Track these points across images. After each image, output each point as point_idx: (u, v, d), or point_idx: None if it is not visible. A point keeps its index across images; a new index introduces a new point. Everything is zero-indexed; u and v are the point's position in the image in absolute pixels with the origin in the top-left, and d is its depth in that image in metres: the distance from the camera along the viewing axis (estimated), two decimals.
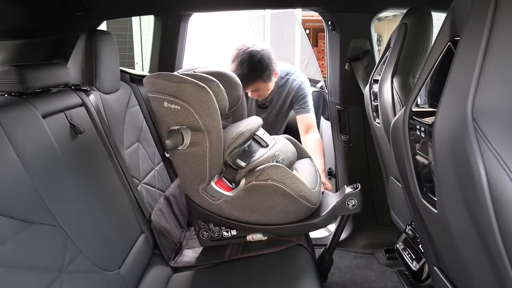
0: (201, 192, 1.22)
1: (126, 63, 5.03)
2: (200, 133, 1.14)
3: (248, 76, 1.77)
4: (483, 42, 0.59)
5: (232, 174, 1.21)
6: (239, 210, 1.24)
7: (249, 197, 1.21)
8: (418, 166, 0.85)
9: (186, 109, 1.12)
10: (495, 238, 0.57)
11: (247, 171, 1.21)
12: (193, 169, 1.19)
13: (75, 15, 1.41)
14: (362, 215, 1.45)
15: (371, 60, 1.72)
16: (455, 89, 0.65)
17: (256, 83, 1.82)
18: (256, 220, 1.26)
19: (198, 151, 1.15)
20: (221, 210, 1.25)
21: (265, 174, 1.18)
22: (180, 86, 1.11)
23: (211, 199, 1.22)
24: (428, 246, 0.97)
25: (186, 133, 1.14)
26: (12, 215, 0.77)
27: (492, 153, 0.55)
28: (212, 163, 1.17)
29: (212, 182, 1.20)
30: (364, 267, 1.82)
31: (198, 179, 1.20)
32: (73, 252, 0.90)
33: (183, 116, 1.13)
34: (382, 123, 1.31)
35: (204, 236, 1.35)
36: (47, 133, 0.98)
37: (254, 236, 1.31)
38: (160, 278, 1.25)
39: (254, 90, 1.87)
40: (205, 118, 1.12)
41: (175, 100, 1.13)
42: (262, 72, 1.80)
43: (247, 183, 1.19)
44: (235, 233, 1.32)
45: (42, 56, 1.56)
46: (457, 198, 0.65)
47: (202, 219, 1.31)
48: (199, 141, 1.14)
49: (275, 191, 1.19)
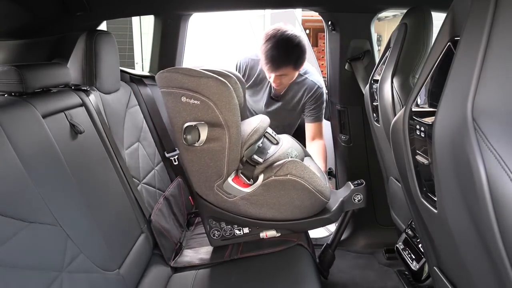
0: (216, 190, 1.22)
1: (126, 63, 5.03)
2: (219, 129, 1.13)
3: (283, 58, 1.66)
4: (483, 42, 0.59)
5: (250, 170, 1.21)
6: (256, 207, 1.24)
7: (267, 192, 1.21)
8: (418, 166, 0.85)
9: (207, 104, 1.11)
10: (495, 238, 0.57)
11: (265, 167, 1.22)
12: (210, 166, 1.18)
13: (75, 15, 1.41)
14: (362, 215, 1.46)
15: (371, 60, 1.72)
16: (455, 89, 0.65)
17: (287, 67, 1.69)
18: (272, 216, 1.26)
19: (217, 147, 1.15)
20: (237, 208, 1.25)
21: (284, 169, 1.19)
22: (201, 80, 1.10)
23: (227, 196, 1.22)
24: (428, 246, 0.97)
25: (203, 128, 1.13)
26: (12, 215, 0.77)
27: (492, 153, 0.55)
28: (231, 159, 1.17)
29: (229, 179, 1.19)
30: (364, 267, 1.82)
31: (214, 175, 1.20)
32: (73, 252, 0.90)
33: (202, 111, 1.12)
34: (382, 123, 1.31)
35: (215, 235, 1.33)
36: (47, 133, 0.98)
37: (268, 233, 1.32)
38: (160, 278, 1.25)
39: (281, 75, 1.72)
40: (226, 113, 1.11)
41: (195, 94, 1.11)
42: (297, 58, 1.68)
43: (265, 179, 1.20)
44: (248, 231, 1.32)
45: (42, 56, 1.56)
46: (457, 198, 0.65)
47: (214, 217, 1.30)
48: (218, 136, 1.13)
49: (294, 186, 1.20)
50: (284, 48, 1.64)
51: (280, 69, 1.69)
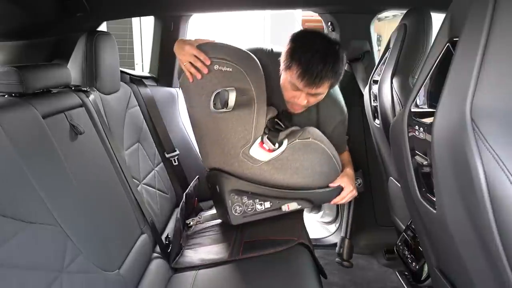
0: (241, 156, 1.26)
1: (126, 63, 5.03)
2: (248, 96, 1.22)
3: (328, 74, 1.23)
4: (481, 43, 0.59)
5: (274, 136, 1.27)
6: (280, 172, 1.29)
7: (292, 156, 1.28)
8: (417, 166, 0.86)
9: (239, 70, 1.21)
10: (493, 238, 0.57)
11: (287, 133, 1.30)
12: (237, 131, 1.24)
13: (75, 16, 1.41)
14: (362, 216, 1.46)
15: (371, 60, 1.72)
16: (453, 89, 0.65)
17: (326, 85, 1.26)
18: (295, 182, 1.32)
19: (246, 112, 1.23)
20: (262, 174, 1.29)
21: (307, 133, 1.30)
22: (234, 50, 1.23)
23: (252, 162, 1.27)
24: (428, 247, 0.97)
25: (232, 94, 1.20)
26: (12, 215, 0.77)
27: (490, 153, 0.55)
28: (258, 123, 1.24)
29: (255, 143, 1.25)
30: (364, 267, 1.82)
31: (241, 140, 1.25)
32: (73, 252, 0.90)
33: (234, 77, 1.21)
34: (382, 123, 1.31)
35: (237, 211, 1.32)
36: (47, 133, 0.98)
37: (290, 205, 1.34)
38: (160, 279, 1.25)
39: (315, 94, 1.28)
40: (255, 81, 1.22)
41: (228, 62, 1.21)
42: (338, 77, 1.28)
43: (290, 143, 1.28)
44: (269, 206, 1.33)
45: (42, 57, 1.56)
46: (456, 198, 0.66)
47: (236, 191, 1.30)
48: (247, 102, 1.22)
49: (316, 149, 1.30)
50: (332, 63, 1.22)
51: (318, 87, 1.24)
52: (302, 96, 1.27)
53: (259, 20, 6.32)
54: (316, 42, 1.23)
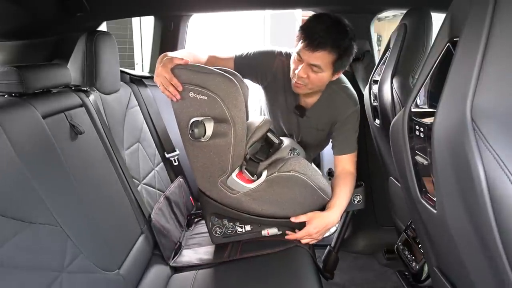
0: (219, 185, 1.23)
1: (126, 63, 5.03)
2: (225, 124, 1.14)
3: (324, 35, 1.21)
4: (482, 43, 0.59)
5: (254, 167, 1.21)
6: (259, 203, 1.26)
7: (270, 188, 1.23)
8: (417, 166, 0.86)
9: (214, 99, 1.12)
10: (494, 237, 0.57)
11: (268, 163, 1.24)
12: (214, 161, 1.20)
13: (75, 16, 1.41)
14: (362, 216, 1.46)
15: (371, 60, 1.72)
16: (454, 89, 0.65)
17: (325, 51, 1.23)
18: (274, 212, 1.28)
19: (222, 142, 1.16)
20: (240, 204, 1.26)
21: (288, 165, 1.21)
22: (209, 77, 1.12)
23: (230, 192, 1.24)
24: (428, 247, 0.97)
25: (209, 124, 1.15)
26: (12, 215, 0.77)
27: (490, 153, 0.55)
28: (235, 154, 1.18)
29: (233, 174, 1.21)
30: (364, 267, 1.82)
31: (218, 171, 1.21)
32: (73, 252, 0.90)
33: (209, 107, 1.14)
34: (382, 123, 1.31)
35: (217, 232, 1.34)
36: (47, 133, 0.98)
37: (270, 230, 1.33)
38: (160, 278, 1.25)
39: (312, 65, 1.26)
40: (232, 109, 1.13)
41: (203, 90, 1.13)
42: (341, 53, 1.25)
43: (269, 175, 1.22)
44: (249, 229, 1.33)
45: (42, 57, 1.56)
46: (456, 198, 0.66)
47: (216, 214, 1.31)
48: (224, 132, 1.15)
49: (297, 182, 1.22)
50: (329, 24, 1.23)
51: (315, 52, 1.23)
52: (303, 68, 1.27)
53: (259, 20, 6.31)
54: (327, 18, 1.26)
